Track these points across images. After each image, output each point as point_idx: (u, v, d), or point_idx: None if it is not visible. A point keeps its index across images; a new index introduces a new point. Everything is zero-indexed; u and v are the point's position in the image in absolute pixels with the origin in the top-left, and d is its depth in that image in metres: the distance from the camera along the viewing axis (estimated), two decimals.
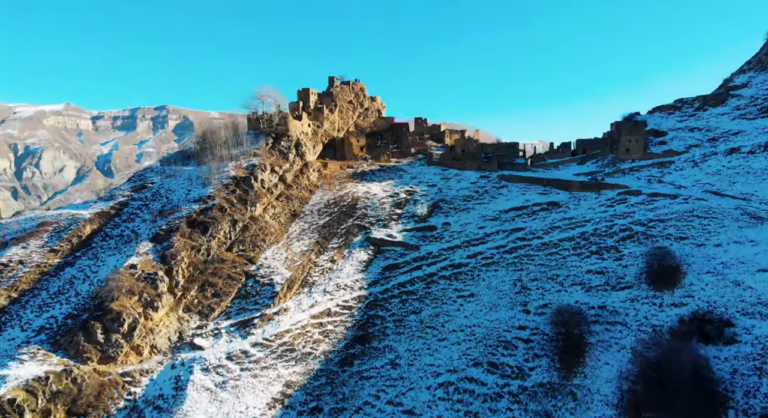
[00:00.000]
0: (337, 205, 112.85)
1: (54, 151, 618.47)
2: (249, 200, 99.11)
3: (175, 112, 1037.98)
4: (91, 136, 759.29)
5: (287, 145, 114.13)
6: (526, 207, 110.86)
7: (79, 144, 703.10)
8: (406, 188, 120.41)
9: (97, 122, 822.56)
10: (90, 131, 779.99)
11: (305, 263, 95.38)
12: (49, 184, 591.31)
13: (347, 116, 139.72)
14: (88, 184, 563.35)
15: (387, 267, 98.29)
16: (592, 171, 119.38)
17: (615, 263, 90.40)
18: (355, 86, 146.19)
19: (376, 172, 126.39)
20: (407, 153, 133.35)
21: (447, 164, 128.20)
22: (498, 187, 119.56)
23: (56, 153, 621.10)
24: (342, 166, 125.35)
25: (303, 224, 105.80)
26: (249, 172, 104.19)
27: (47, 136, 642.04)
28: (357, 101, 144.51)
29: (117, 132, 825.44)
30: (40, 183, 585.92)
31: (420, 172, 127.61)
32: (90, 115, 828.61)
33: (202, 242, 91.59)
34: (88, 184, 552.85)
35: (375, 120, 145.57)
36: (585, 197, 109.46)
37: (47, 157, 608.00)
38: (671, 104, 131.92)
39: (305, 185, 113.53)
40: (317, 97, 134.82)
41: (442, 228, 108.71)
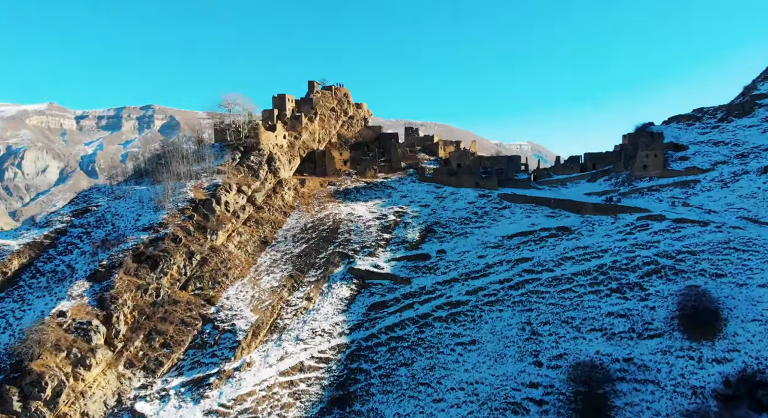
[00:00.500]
0: (316, 229, 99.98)
1: (37, 151, 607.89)
2: (209, 227, 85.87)
3: (161, 111, 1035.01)
4: (75, 136, 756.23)
5: (258, 161, 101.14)
6: (533, 232, 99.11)
7: (62, 144, 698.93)
8: (395, 209, 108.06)
9: (82, 122, 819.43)
10: (74, 131, 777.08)
11: (275, 302, 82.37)
12: (32, 185, 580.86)
13: (329, 126, 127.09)
14: (71, 185, 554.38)
15: (373, 306, 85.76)
16: (606, 191, 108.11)
17: (640, 304, 78.82)
18: (339, 92, 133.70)
19: (361, 189, 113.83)
20: (397, 167, 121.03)
21: (441, 181, 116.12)
22: (499, 208, 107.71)
23: (39, 153, 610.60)
24: (322, 183, 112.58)
25: (274, 254, 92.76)
26: (211, 193, 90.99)
27: (30, 136, 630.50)
28: (340, 109, 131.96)
29: (102, 132, 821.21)
30: (22, 184, 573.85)
31: (411, 190, 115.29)
32: (74, 115, 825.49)
33: (151, 279, 78.27)
34: (72, 185, 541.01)
35: (361, 130, 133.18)
36: (600, 222, 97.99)
37: (30, 157, 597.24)
38: (690, 114, 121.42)
39: (279, 207, 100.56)
40: (294, 104, 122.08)
41: (437, 257, 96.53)
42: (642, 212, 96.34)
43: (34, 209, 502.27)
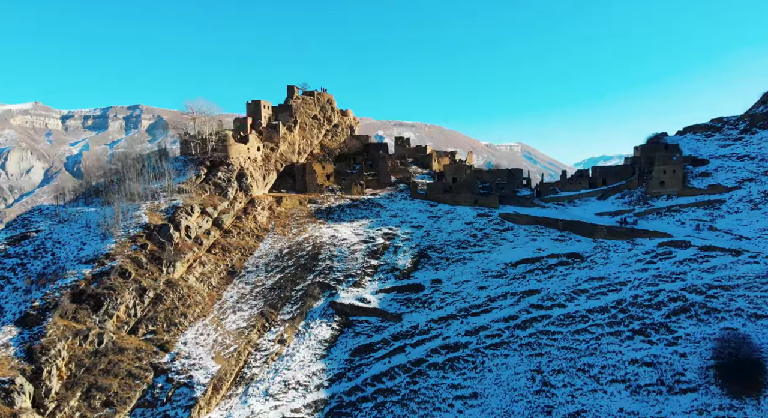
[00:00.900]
0: (293, 255, 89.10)
1: (21, 151, 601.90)
2: (165, 258, 74.69)
3: (148, 111, 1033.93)
4: (60, 136, 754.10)
5: (226, 177, 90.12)
6: (540, 259, 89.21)
7: (47, 144, 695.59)
8: (384, 231, 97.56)
9: (67, 122, 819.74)
10: (59, 131, 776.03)
11: (242, 347, 71.44)
12: (16, 185, 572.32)
13: (311, 135, 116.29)
14: (56, 186, 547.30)
15: (357, 350, 75.14)
16: (619, 210, 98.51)
17: (668, 349, 69.12)
18: (321, 97, 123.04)
19: (346, 208, 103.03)
20: (386, 182, 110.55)
21: (436, 198, 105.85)
22: (501, 230, 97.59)
23: (23, 153, 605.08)
24: (302, 200, 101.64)
25: (243, 287, 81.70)
26: (169, 216, 79.81)
27: (14, 136, 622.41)
28: (323, 116, 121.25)
29: (88, 132, 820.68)
30: (6, 185, 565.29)
31: (402, 209, 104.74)
32: (59, 115, 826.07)
33: (92, 323, 67.10)
34: (56, 186, 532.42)
35: (346, 139, 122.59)
36: (615, 247, 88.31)
37: (14, 157, 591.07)
38: (708, 124, 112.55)
39: (250, 230, 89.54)
40: (272, 111, 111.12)
41: (432, 287, 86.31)
42: (663, 236, 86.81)
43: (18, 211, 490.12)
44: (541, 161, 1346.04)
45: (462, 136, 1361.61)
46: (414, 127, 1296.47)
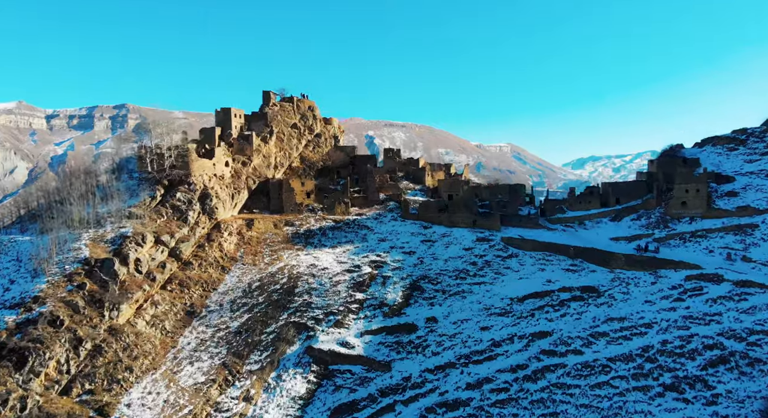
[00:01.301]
0: (265, 290, 78.21)
1: (4, 151, 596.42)
2: (108, 300, 63.56)
3: (135, 111, 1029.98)
4: (45, 135, 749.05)
5: (186, 198, 79.02)
6: (550, 293, 79.27)
7: (31, 144, 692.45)
8: (371, 258, 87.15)
9: (52, 121, 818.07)
10: (44, 131, 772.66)
11: (199, 408, 60.54)
12: None
13: (289, 147, 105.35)
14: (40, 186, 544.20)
15: (338, 409, 64.84)
16: (637, 235, 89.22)
17: (707, 410, 59.35)
18: (302, 104, 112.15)
19: (328, 231, 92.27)
20: (374, 200, 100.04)
21: (430, 218, 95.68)
22: (504, 257, 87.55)
23: (7, 153, 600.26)
24: (277, 223, 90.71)
25: (204, 331, 70.65)
26: (115, 248, 68.39)
27: None
28: (304, 125, 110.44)
29: (73, 131, 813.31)
30: None
31: (392, 231, 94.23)
32: (44, 114, 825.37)
33: (14, 384, 55.94)
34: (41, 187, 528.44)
35: (330, 151, 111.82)
36: (635, 280, 78.68)
37: None
38: (730, 136, 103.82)
39: (214, 260, 78.60)
40: (244, 120, 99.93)
41: (426, 327, 76.08)
42: (690, 268, 77.42)
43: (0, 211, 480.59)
44: (530, 162, 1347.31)
45: (452, 137, 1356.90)
46: (404, 128, 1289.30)
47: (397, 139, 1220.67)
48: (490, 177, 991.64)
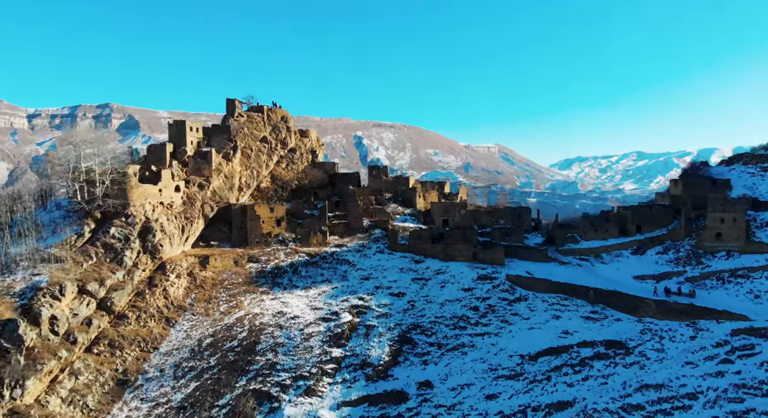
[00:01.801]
0: (219, 348, 64.28)
1: None
2: (9, 375, 48.88)
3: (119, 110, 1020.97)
4: (26, 135, 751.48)
5: (122, 235, 64.89)
6: (568, 349, 66.47)
7: (12, 144, 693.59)
8: (352, 301, 73.73)
9: (34, 121, 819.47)
10: (25, 130, 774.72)
11: None
12: None
13: (257, 164, 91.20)
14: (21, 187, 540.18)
15: None
16: (666, 273, 77.01)
17: None
18: (273, 114, 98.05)
19: (301, 267, 78.44)
20: (357, 227, 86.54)
21: (422, 249, 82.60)
22: (511, 300, 74.60)
23: None
24: (239, 259, 76.65)
25: (138, 406, 56.58)
26: (24, 304, 53.76)
27: None
28: (276, 138, 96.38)
29: (55, 131, 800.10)
30: None
31: (377, 266, 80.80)
32: (26, 113, 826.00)
33: None
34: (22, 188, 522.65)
35: (306, 168, 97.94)
36: (671, 333, 66.25)
37: None
38: (764, 154, 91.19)
39: (156, 311, 64.44)
40: (202, 134, 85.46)
41: (419, 395, 62.97)
42: (736, 319, 65.36)
43: None
44: (518, 162, 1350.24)
45: (441, 138, 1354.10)
46: (393, 128, 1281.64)
47: (386, 140, 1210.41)
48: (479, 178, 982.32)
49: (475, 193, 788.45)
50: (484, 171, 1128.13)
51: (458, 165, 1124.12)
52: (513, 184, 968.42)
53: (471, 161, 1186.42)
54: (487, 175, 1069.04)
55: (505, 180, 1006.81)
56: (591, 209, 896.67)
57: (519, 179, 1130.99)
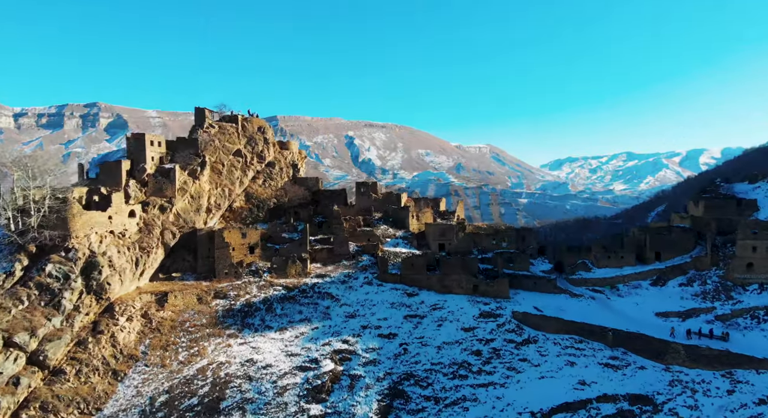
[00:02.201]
0: (175, 407, 53.90)
1: None
2: None
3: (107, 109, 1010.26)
4: (12, 134, 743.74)
5: (62, 272, 54.25)
6: (586, 404, 56.96)
7: None
8: (335, 345, 63.81)
9: (20, 120, 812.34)
10: (11, 130, 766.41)
11: None
12: None
13: (230, 181, 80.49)
14: None
15: None
16: (692, 309, 67.08)
17: None
18: (249, 124, 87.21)
19: (276, 303, 68.06)
20: (342, 253, 76.36)
21: (415, 280, 72.77)
22: (519, 343, 65.12)
23: None
24: (204, 294, 66.01)
25: None
26: None
27: None
28: (252, 151, 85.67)
29: (42, 130, 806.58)
30: None
31: (365, 300, 70.66)
32: (12, 112, 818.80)
33: None
34: None
35: (286, 185, 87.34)
36: (703, 385, 56.77)
37: None
38: None
39: (102, 363, 53.96)
40: (165, 148, 74.62)
41: None
42: None
43: None
44: (509, 163, 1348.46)
45: (432, 138, 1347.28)
46: (384, 128, 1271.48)
47: (378, 140, 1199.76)
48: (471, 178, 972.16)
49: (467, 194, 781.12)
50: (475, 172, 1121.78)
51: (450, 165, 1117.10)
52: (504, 185, 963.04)
53: (462, 161, 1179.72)
54: (478, 176, 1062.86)
55: (496, 180, 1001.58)
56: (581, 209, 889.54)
57: (510, 180, 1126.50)
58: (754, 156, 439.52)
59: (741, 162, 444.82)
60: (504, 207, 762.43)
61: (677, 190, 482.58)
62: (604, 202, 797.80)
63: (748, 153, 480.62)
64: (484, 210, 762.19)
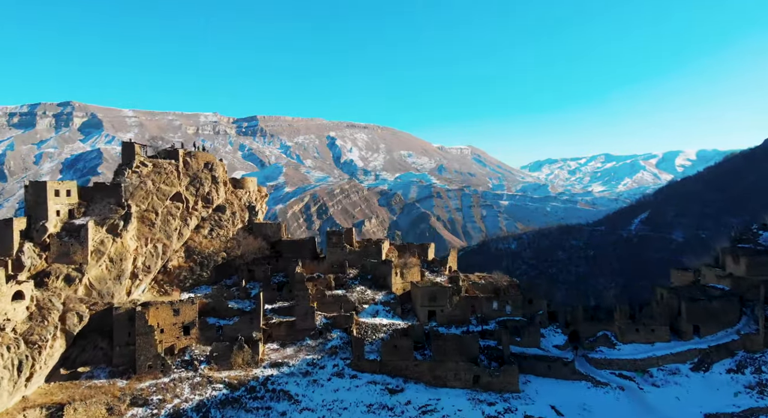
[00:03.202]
0: None
1: None
2: None
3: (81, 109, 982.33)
4: None
5: None
6: None
7: None
8: None
9: None
10: None
11: None
12: None
13: (165, 233, 63.08)
14: None
15: None
16: (749, 410, 51.80)
17: None
18: (193, 161, 69.53)
19: (213, 410, 50.63)
20: (306, 327, 59.69)
21: (400, 369, 56.78)
22: None
23: None
24: (116, 401, 48.75)
25: None
26: None
27: None
28: (195, 194, 68.32)
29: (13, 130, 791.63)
30: None
31: (334, 402, 54.17)
32: None
33: None
34: None
35: (239, 234, 69.87)
36: None
37: None
38: None
39: None
40: (76, 198, 56.89)
41: None
42: None
43: None
44: (490, 164, 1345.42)
45: (414, 139, 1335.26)
46: (367, 129, 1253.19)
47: (360, 141, 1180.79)
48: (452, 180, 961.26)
49: (449, 196, 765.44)
50: (457, 173, 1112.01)
51: (432, 167, 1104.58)
52: (485, 186, 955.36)
53: (444, 163, 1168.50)
54: (460, 177, 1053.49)
55: (477, 182, 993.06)
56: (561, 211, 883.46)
57: (491, 181, 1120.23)
58: (736, 162, 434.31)
59: (723, 169, 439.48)
60: (486, 209, 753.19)
61: (659, 196, 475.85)
62: (583, 205, 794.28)
63: (729, 158, 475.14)
64: (466, 212, 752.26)
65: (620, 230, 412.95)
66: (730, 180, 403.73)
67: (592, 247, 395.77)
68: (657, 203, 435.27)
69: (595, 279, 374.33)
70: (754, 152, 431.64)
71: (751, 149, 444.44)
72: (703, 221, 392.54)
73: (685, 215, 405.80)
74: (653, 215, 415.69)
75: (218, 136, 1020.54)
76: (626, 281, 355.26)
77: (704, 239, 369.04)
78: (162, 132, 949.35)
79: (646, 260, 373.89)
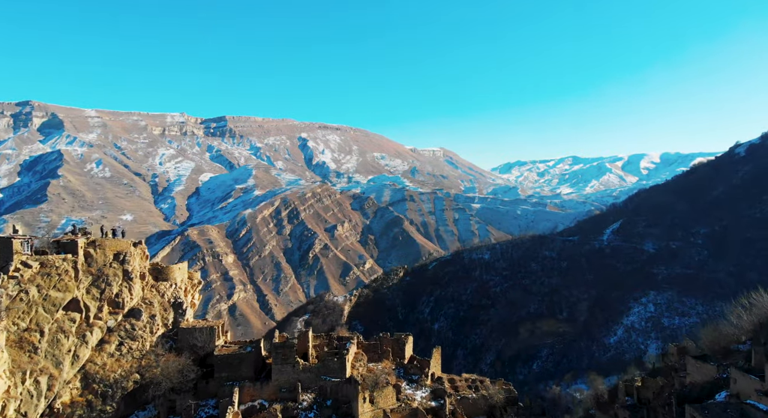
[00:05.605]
0: None
1: None
2: None
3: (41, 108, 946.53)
4: None
5: None
6: None
7: None
8: None
9: None
10: None
11: None
12: None
13: (53, 358, 46.38)
14: None
15: None
16: None
17: None
18: (98, 253, 52.45)
19: None
20: None
21: None
22: None
23: None
24: None
25: None
26: None
27: None
28: (100, 298, 51.36)
29: None
30: None
31: None
32: None
33: None
34: None
35: (157, 347, 53.28)
36: None
37: None
38: None
39: None
40: None
41: None
42: None
43: None
44: (461, 166, 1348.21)
45: (387, 141, 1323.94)
46: (339, 131, 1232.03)
47: (332, 143, 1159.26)
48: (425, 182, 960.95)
49: (422, 200, 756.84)
50: (429, 175, 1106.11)
51: (405, 169, 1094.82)
52: (458, 189, 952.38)
53: (417, 165, 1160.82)
54: (432, 180, 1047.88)
55: (449, 185, 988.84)
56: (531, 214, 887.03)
57: (463, 183, 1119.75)
58: (704, 171, 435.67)
59: (690, 179, 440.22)
60: (458, 212, 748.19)
61: (629, 205, 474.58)
62: (552, 207, 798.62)
63: (697, 168, 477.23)
64: (439, 216, 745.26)
65: (593, 240, 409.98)
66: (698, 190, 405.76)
67: (565, 258, 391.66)
68: (628, 213, 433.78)
69: (569, 290, 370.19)
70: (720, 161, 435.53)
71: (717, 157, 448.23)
72: (673, 231, 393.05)
73: (656, 225, 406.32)
74: (625, 225, 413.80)
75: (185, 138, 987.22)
76: (599, 292, 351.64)
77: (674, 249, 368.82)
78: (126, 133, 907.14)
79: (618, 271, 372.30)
